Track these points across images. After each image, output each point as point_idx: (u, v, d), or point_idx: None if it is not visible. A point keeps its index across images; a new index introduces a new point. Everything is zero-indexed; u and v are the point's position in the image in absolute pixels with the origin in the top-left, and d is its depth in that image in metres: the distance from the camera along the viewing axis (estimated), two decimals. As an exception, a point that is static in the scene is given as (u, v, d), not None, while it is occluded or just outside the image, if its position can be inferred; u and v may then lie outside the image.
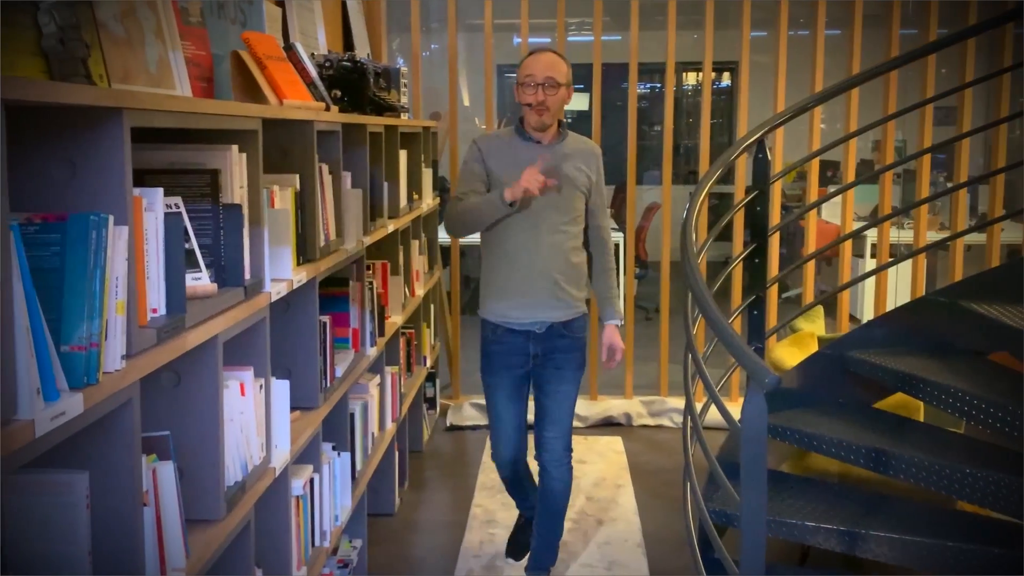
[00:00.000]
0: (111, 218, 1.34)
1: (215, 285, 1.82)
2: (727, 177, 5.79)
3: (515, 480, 3.23)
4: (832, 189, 7.29)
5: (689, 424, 2.68)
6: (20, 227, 1.19)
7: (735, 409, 2.09)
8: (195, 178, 1.85)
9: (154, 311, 1.55)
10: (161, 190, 1.57)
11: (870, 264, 6.76)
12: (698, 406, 3.04)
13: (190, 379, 1.77)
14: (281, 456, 2.19)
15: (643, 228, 7.65)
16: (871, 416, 3.00)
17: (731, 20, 6.00)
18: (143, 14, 2.01)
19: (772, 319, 4.69)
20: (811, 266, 5.03)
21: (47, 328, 1.19)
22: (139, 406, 1.45)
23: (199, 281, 1.77)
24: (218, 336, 1.76)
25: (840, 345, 3.13)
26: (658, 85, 10.18)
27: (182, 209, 1.73)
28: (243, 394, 1.95)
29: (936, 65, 4.87)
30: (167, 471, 1.57)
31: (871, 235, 6.58)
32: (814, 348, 3.50)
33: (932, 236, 5.47)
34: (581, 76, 5.12)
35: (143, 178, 1.81)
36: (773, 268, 4.79)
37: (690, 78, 10.88)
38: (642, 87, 10.00)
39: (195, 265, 1.77)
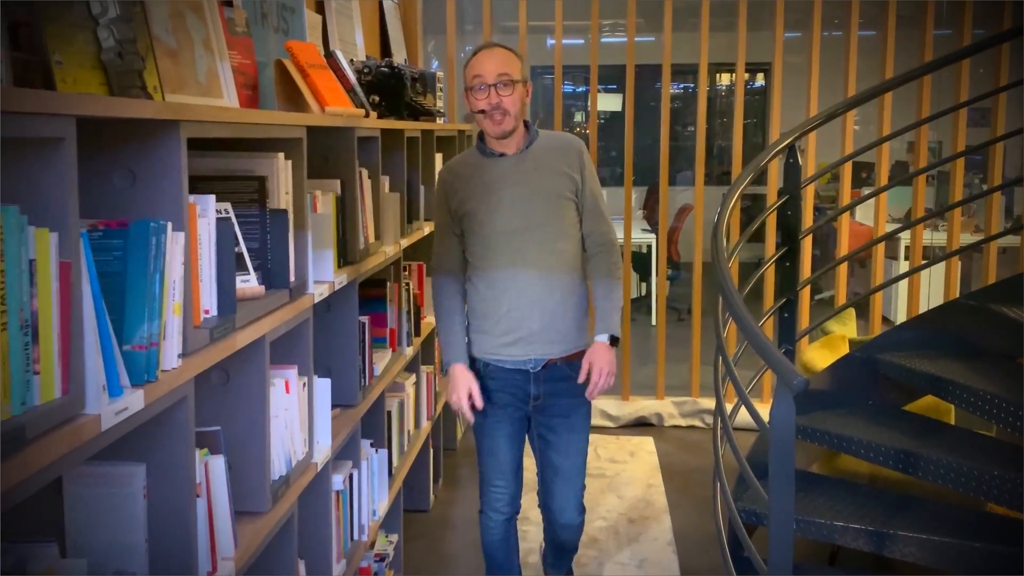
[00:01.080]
0: (169, 224, 1.42)
1: (263, 287, 1.90)
2: (760, 179, 5.80)
3: (504, 553, 2.82)
4: (866, 191, 7.29)
5: (719, 425, 2.72)
6: (87, 233, 1.27)
7: (765, 410, 2.14)
8: (243, 184, 1.93)
9: (206, 312, 1.63)
10: (213, 197, 1.65)
11: (904, 266, 6.74)
12: (729, 407, 3.09)
13: (238, 377, 1.85)
14: (322, 452, 2.26)
15: (676, 229, 7.67)
16: (901, 418, 3.02)
17: (765, 21, 6.02)
18: (193, 26, 2.10)
19: (804, 321, 4.71)
20: (844, 268, 5.04)
21: (111, 328, 1.27)
22: (193, 402, 1.53)
23: (247, 283, 1.85)
24: (265, 336, 1.84)
25: (870, 347, 3.15)
26: (692, 86, 10.19)
27: (231, 214, 1.81)
28: (287, 392, 2.03)
29: (970, 66, 4.86)
30: (218, 465, 1.65)
31: (905, 237, 6.57)
32: (845, 350, 3.53)
33: (967, 239, 5.46)
34: (615, 77, 5.20)
35: (195, 185, 1.89)
36: (805, 270, 4.82)
37: (724, 79, 10.88)
38: (677, 87, 10.03)
39: (244, 268, 1.85)
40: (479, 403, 2.60)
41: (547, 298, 2.57)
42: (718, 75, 10.78)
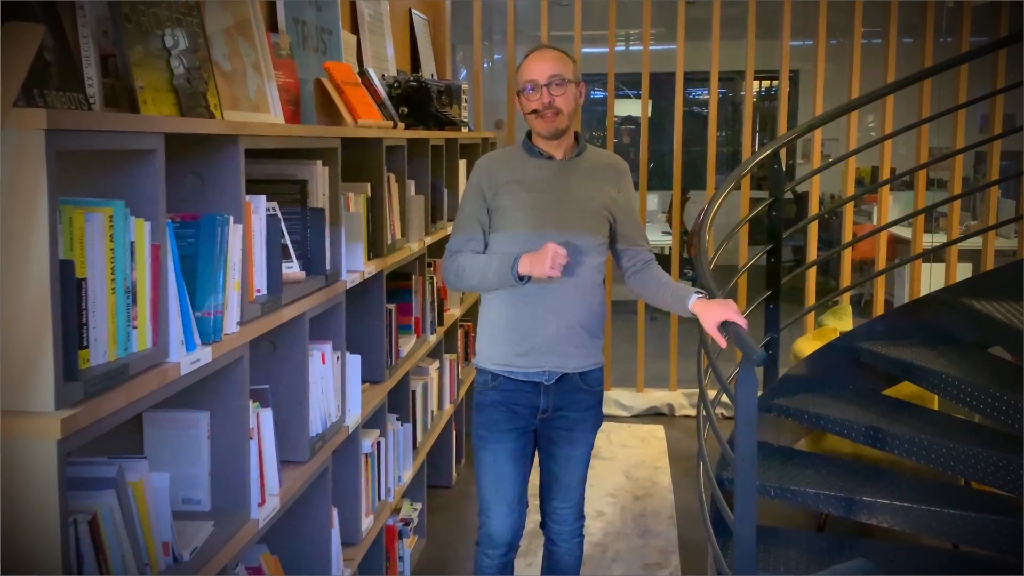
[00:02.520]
0: (231, 218, 1.77)
1: (303, 273, 2.26)
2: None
3: None
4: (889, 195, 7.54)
5: (702, 412, 3.03)
6: (170, 223, 1.63)
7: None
8: (288, 187, 2.29)
9: (258, 291, 1.98)
10: (264, 197, 2.01)
11: (926, 269, 6.98)
12: (713, 395, 3.40)
13: (283, 347, 2.21)
14: (353, 418, 2.62)
15: (692, 234, 7.97)
16: (876, 400, 3.32)
17: (794, 29, 6.25)
18: (245, 51, 2.47)
19: (810, 316, 5.02)
20: (848, 268, 5.31)
21: (188, 297, 1.63)
22: (248, 361, 1.88)
23: (291, 269, 2.21)
24: (305, 313, 2.20)
25: (850, 337, 3.46)
26: (724, 91, 10.49)
27: (278, 212, 2.17)
28: (323, 362, 2.38)
29: (969, 73, 5.13)
30: (267, 416, 2.01)
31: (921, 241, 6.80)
32: (835, 341, 3.82)
33: (973, 242, 5.70)
34: (640, 84, 5.56)
35: (248, 186, 2.26)
36: (812, 270, 5.10)
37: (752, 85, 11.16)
38: (707, 94, 10.42)
39: (288, 257, 2.21)
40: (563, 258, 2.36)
41: (565, 309, 2.50)
42: (743, 82, 11.07)
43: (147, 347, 1.52)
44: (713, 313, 2.38)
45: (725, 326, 2.37)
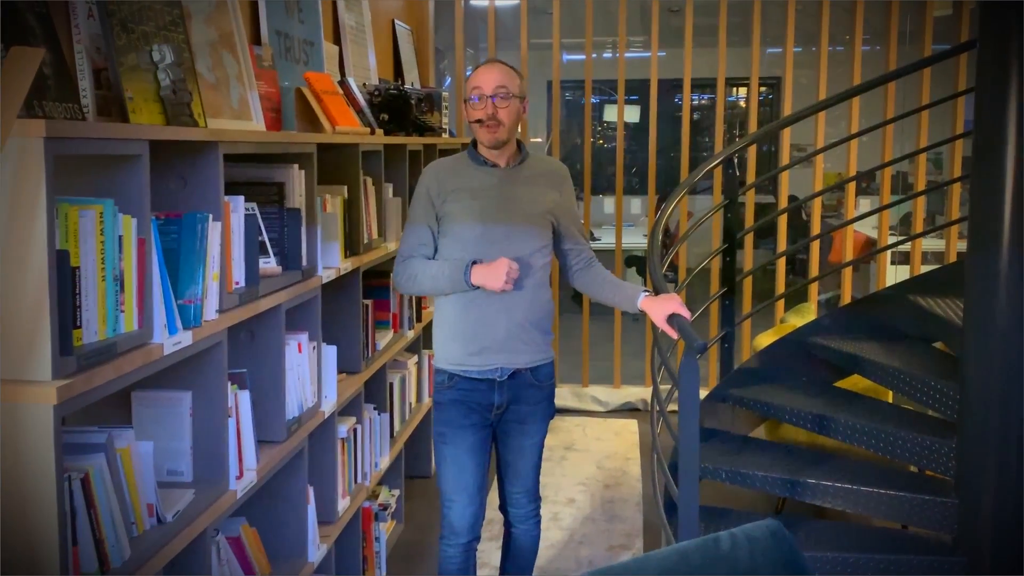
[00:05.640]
0: (210, 216, 1.97)
1: (280, 268, 2.46)
2: (766, 188, 6.31)
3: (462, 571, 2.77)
4: (862, 200, 7.78)
5: (655, 405, 3.22)
6: (155, 220, 1.83)
7: (704, 392, 2.61)
8: (266, 189, 2.49)
9: (237, 283, 2.18)
10: (242, 197, 2.20)
11: (892, 271, 7.20)
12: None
13: (261, 336, 2.41)
14: (329, 404, 2.81)
15: (673, 237, 8.19)
16: (826, 391, 3.52)
17: (774, 37, 6.44)
18: (228, 63, 2.67)
19: (779, 311, 5.23)
20: (815, 268, 5.53)
21: (171, 286, 1.83)
22: (227, 346, 2.08)
23: (268, 264, 2.41)
24: (281, 305, 2.40)
25: (802, 331, 3.66)
26: (711, 96, 10.77)
27: (256, 211, 2.37)
28: (300, 351, 2.58)
29: (932, 82, 5.35)
30: (245, 397, 2.20)
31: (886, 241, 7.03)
32: (793, 337, 4.02)
33: (936, 243, 5.93)
34: (634, 90, 5.76)
35: (231, 188, 2.45)
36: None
37: (740, 92, 11.46)
38: (697, 99, 10.81)
39: (265, 252, 2.41)
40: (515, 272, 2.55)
41: (514, 308, 2.63)
42: (735, 88, 11.34)
43: (133, 329, 1.72)
44: (660, 308, 2.57)
45: (672, 319, 2.56)
